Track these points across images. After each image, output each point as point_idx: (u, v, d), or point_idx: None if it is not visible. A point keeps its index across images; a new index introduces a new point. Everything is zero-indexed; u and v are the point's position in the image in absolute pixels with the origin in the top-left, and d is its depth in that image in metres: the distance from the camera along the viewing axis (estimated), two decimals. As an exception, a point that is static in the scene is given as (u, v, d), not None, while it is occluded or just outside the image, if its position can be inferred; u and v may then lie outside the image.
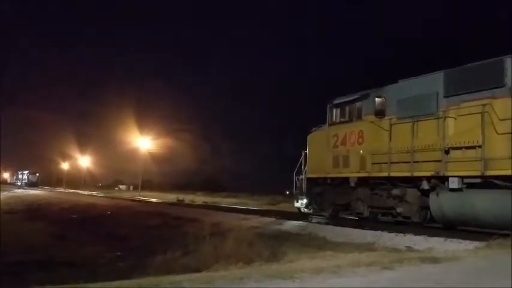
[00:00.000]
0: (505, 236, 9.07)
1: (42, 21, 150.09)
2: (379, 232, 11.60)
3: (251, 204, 30.08)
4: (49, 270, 10.76)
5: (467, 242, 9.55)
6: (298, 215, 16.89)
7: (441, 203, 11.62)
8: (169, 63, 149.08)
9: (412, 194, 12.64)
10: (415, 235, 10.88)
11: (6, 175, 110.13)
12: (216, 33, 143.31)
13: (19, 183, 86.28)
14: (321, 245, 10.86)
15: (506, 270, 5.76)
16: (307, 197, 16.85)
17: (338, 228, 12.94)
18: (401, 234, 11.18)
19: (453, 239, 9.98)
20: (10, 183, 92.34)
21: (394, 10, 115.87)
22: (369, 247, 9.91)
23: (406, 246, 9.87)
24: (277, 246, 10.50)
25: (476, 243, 9.16)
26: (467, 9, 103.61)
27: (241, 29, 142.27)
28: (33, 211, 30.32)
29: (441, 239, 10.15)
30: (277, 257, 9.17)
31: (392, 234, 11.26)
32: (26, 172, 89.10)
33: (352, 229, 12.58)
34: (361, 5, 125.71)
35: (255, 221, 16.70)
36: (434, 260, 6.55)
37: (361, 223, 13.37)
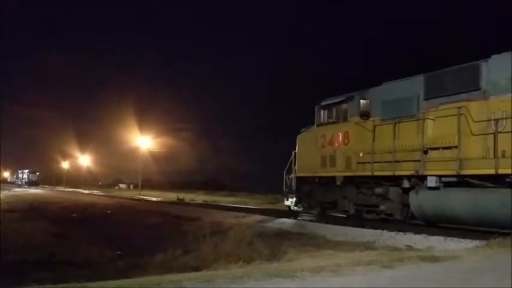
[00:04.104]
0: (506, 235, 9.08)
1: (43, 20, 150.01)
2: (379, 231, 11.64)
3: (251, 203, 30.05)
4: (49, 269, 10.75)
5: (468, 240, 9.57)
6: (288, 213, 17.17)
7: (420, 201, 12.07)
8: (170, 62, 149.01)
9: (394, 192, 13.09)
10: (415, 234, 10.94)
11: (6, 174, 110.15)
12: (216, 33, 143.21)
13: (19, 182, 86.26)
14: (321, 244, 10.87)
15: (507, 269, 5.76)
16: (296, 196, 17.23)
17: (338, 227, 12.97)
18: (401, 233, 11.25)
19: (453, 238, 10.00)
20: (10, 182, 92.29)
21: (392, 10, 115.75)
22: (369, 246, 9.93)
23: (406, 245, 9.89)
24: (277, 245, 10.51)
25: (477, 242, 9.17)
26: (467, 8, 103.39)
27: (242, 28, 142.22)
28: (33, 210, 30.29)
29: (441, 238, 10.18)
30: (277, 256, 9.19)
31: (393, 233, 11.29)
32: (26, 171, 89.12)
33: (352, 228, 12.61)
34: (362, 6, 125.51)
35: (255, 219, 16.74)
36: (435, 259, 6.56)
37: (362, 222, 13.45)
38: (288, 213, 17.40)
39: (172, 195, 40.06)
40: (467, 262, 6.57)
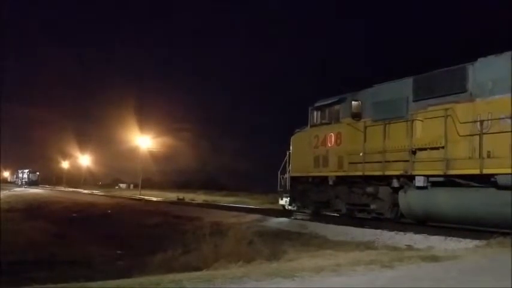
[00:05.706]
0: (506, 234, 9.09)
1: (42, 19, 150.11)
2: (379, 231, 11.68)
3: (251, 203, 30.05)
4: (49, 268, 10.77)
5: (468, 240, 9.58)
6: (287, 213, 17.29)
7: (409, 200, 12.37)
8: (170, 61, 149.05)
9: (384, 191, 13.37)
10: (415, 234, 10.97)
11: (6, 174, 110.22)
12: (216, 32, 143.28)
13: (19, 182, 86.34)
14: (321, 243, 10.88)
15: (507, 269, 5.76)
16: (290, 195, 17.46)
17: (338, 227, 12.98)
18: (401, 232, 11.29)
19: (453, 238, 10.01)
20: (10, 182, 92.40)
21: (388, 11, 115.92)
22: (369, 246, 9.94)
23: (406, 245, 9.90)
24: (277, 245, 10.52)
25: (476, 242, 9.18)
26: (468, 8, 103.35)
27: (242, 28, 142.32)
28: (33, 210, 30.33)
29: (441, 238, 10.20)
30: (277, 256, 9.18)
31: (393, 233, 11.32)
32: (26, 171, 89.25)
33: (352, 228, 12.63)
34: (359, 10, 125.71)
35: (255, 219, 16.75)
36: (435, 259, 6.55)
37: (362, 222, 13.51)
38: (287, 213, 17.45)
39: (172, 195, 40.05)
40: (467, 262, 6.56)
